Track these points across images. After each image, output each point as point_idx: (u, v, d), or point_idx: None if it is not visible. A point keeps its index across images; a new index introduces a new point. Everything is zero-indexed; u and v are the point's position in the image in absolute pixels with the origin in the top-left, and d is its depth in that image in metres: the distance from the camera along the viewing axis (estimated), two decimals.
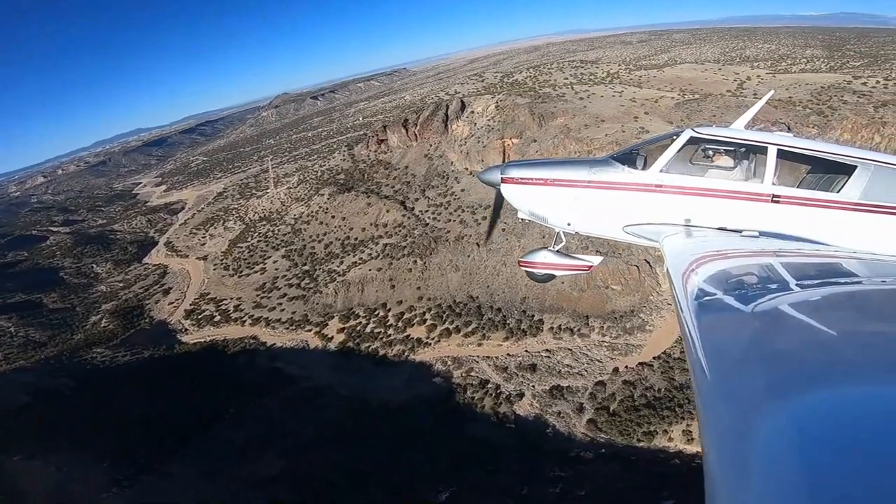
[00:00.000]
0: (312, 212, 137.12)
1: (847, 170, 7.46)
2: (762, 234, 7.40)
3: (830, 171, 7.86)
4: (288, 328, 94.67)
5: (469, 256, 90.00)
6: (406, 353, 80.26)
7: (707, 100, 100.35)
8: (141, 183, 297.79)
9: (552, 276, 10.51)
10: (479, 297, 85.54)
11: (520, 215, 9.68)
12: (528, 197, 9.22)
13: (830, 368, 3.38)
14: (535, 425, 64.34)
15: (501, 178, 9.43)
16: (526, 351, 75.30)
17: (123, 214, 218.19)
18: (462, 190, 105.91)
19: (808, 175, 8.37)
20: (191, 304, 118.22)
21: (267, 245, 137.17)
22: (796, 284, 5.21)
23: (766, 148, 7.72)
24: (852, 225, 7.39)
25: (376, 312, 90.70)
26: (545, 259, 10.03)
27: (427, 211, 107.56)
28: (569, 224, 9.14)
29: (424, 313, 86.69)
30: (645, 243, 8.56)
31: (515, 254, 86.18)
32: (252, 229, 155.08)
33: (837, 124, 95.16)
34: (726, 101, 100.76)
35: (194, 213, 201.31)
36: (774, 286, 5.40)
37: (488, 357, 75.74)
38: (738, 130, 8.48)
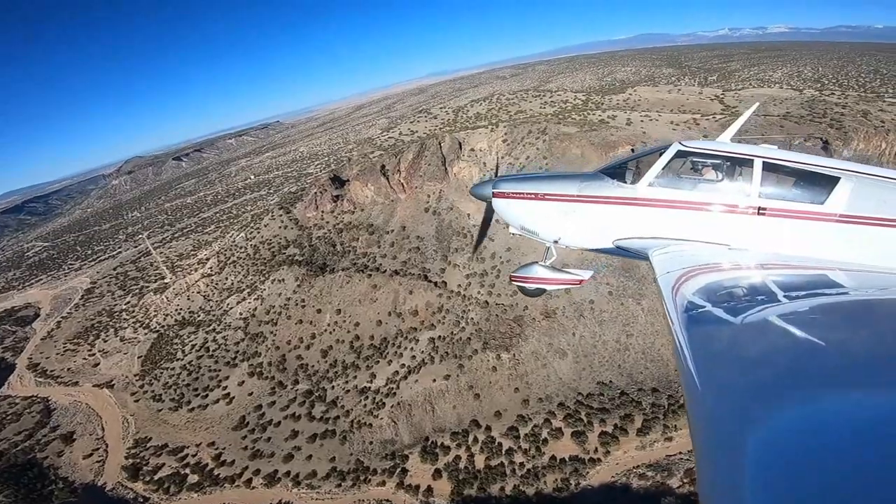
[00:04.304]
0: (273, 306, 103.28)
1: (831, 182, 7.09)
2: (749, 246, 7.27)
3: (815, 183, 7.36)
4: (340, 486, 62.43)
5: (574, 334, 68.77)
6: (573, 481, 56.67)
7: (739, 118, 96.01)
8: None
9: (543, 291, 10.07)
10: (612, 381, 64.81)
11: (511, 230, 9.59)
12: (518, 211, 9.09)
13: (817, 378, 3.40)
14: None
15: (493, 192, 9.30)
16: None
17: None
18: (507, 250, 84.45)
19: (794, 187, 7.68)
20: (127, 457, 79.03)
21: (215, 361, 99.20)
22: (783, 296, 5.24)
23: (751, 161, 7.43)
24: (837, 236, 7.01)
25: (470, 436, 63.92)
26: (537, 273, 9.72)
27: (469, 284, 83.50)
28: (559, 238, 8.95)
29: (547, 420, 62.88)
30: (635, 257, 8.10)
31: (640, 320, 67.74)
32: (171, 339, 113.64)
33: (854, 135, 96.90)
34: (755, 119, 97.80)
35: (59, 322, 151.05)
36: (762, 298, 5.33)
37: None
38: (725, 143, 8.06)
